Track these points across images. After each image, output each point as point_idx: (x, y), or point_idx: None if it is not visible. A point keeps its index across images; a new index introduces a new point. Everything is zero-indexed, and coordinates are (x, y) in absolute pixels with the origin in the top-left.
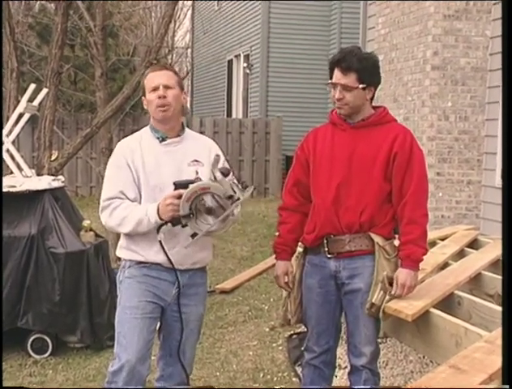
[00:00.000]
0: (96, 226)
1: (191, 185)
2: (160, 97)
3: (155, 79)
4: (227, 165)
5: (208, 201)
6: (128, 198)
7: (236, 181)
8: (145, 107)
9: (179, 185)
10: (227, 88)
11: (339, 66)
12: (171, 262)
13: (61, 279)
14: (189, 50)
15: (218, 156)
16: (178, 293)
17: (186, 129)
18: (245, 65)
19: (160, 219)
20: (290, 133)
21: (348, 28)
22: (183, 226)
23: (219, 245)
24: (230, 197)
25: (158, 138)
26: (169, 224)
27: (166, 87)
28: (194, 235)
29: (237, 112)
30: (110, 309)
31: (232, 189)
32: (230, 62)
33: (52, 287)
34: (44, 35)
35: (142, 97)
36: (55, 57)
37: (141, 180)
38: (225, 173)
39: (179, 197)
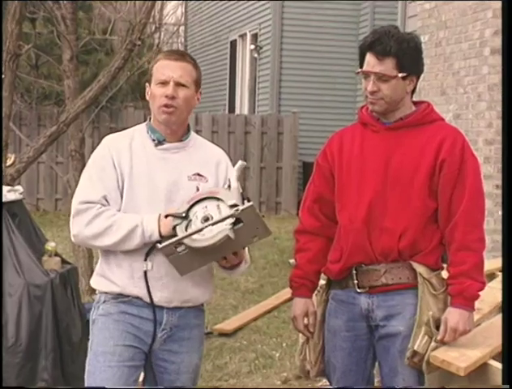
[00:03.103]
0: (63, 249)
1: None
2: (167, 96)
3: (166, 70)
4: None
5: (211, 209)
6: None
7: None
8: (147, 97)
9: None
10: (229, 76)
11: (373, 49)
12: (151, 299)
13: (16, 318)
14: (182, 28)
15: (244, 163)
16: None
17: (192, 133)
18: (253, 47)
19: (160, 235)
20: (308, 133)
21: (384, 1)
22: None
23: (218, 274)
24: (234, 206)
25: (154, 140)
26: (158, 245)
27: (178, 85)
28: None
29: (242, 106)
30: (85, 355)
31: (242, 202)
32: (233, 44)
33: (4, 328)
34: None
35: (146, 84)
36: (12, 34)
37: (125, 189)
38: (244, 197)
39: None
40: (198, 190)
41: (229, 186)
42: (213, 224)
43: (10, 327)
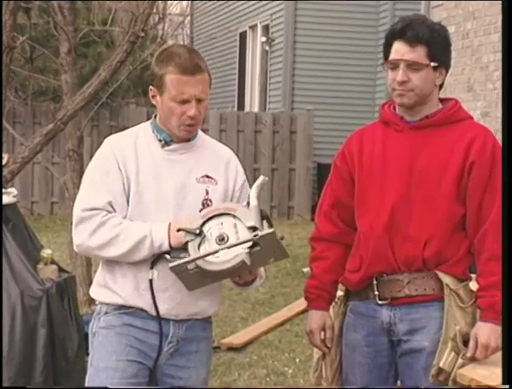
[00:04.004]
0: (59, 256)
1: (215, 205)
2: (190, 117)
3: (186, 87)
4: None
5: (227, 227)
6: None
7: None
8: (153, 103)
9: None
10: (238, 71)
11: (404, 36)
12: (157, 311)
13: (9, 330)
14: (188, 18)
15: (266, 179)
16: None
17: (200, 133)
18: (264, 39)
19: (170, 246)
20: (324, 132)
21: None
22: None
23: (226, 284)
24: (253, 228)
25: (160, 140)
26: (167, 256)
27: (199, 101)
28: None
29: (252, 103)
30: (81, 370)
31: (262, 224)
32: (243, 36)
33: None
34: None
35: (151, 88)
36: (6, 25)
37: (131, 194)
38: (263, 215)
39: None
40: (207, 193)
41: (248, 203)
42: (229, 248)
43: (4, 339)
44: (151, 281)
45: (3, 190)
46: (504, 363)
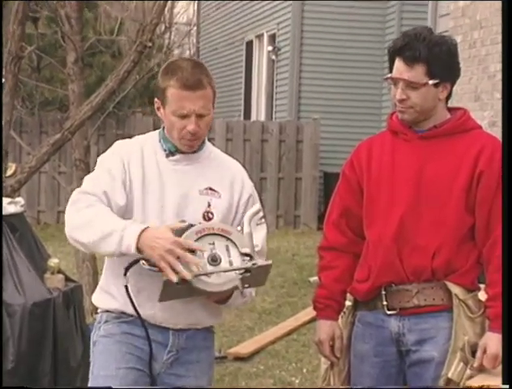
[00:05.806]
0: (66, 265)
1: (212, 221)
2: (189, 132)
3: (185, 102)
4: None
5: (219, 248)
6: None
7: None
8: (158, 115)
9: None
10: (244, 80)
11: (402, 55)
12: (139, 315)
13: (16, 339)
14: (195, 28)
15: (260, 208)
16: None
17: (208, 144)
18: (271, 48)
19: (138, 250)
20: (330, 141)
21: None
22: None
23: None
24: (247, 255)
25: (165, 150)
26: (145, 264)
27: (200, 116)
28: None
29: (259, 112)
30: (83, 380)
31: (254, 252)
32: (249, 45)
33: (4, 351)
34: None
35: (156, 100)
36: (14, 35)
37: (135, 200)
38: (254, 244)
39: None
40: (209, 205)
41: (242, 229)
42: (225, 271)
43: (10, 349)
44: (126, 287)
45: (10, 200)
46: (504, 363)
